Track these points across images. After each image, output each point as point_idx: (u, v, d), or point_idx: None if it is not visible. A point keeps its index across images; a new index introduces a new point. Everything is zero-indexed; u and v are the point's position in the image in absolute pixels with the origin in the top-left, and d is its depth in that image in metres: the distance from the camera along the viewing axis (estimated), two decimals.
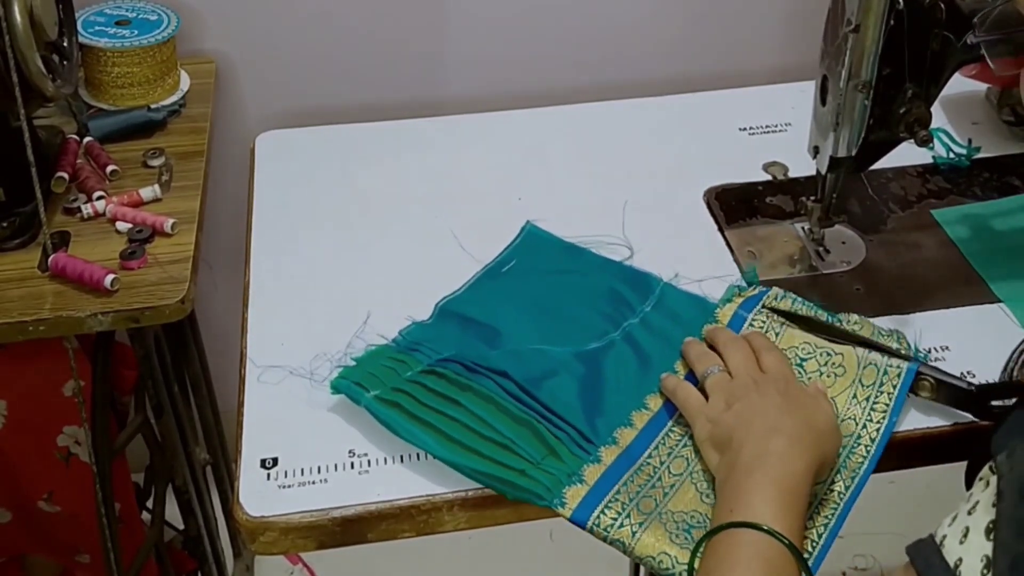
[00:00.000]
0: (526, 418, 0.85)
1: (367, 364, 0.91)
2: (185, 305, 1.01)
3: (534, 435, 0.84)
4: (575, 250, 1.04)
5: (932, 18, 0.89)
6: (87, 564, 1.30)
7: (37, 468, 1.18)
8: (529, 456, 0.83)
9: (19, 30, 0.96)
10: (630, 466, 0.84)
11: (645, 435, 0.86)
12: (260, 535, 0.82)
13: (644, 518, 0.80)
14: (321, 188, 1.14)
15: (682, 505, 0.81)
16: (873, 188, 1.13)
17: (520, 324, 0.95)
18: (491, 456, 0.83)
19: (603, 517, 0.80)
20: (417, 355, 0.91)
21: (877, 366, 0.87)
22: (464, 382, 0.87)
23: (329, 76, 1.40)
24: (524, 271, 1.02)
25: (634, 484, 0.82)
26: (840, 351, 0.89)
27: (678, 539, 0.78)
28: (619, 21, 1.42)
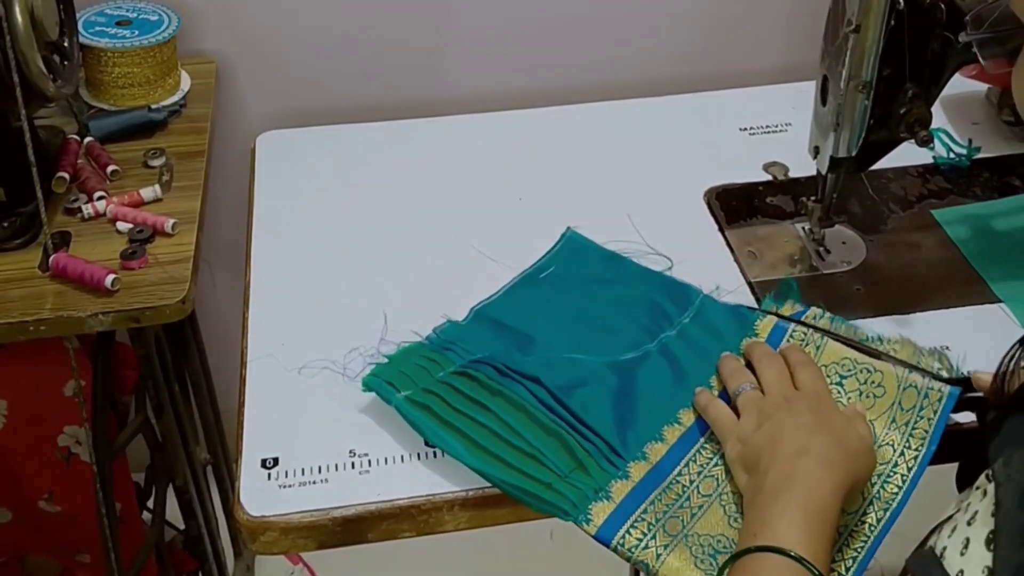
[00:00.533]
0: (556, 429, 0.84)
1: (399, 363, 0.90)
2: (185, 305, 1.01)
3: (563, 447, 0.83)
4: (615, 258, 1.03)
5: (932, 18, 0.89)
6: (87, 564, 1.30)
7: (37, 468, 1.18)
8: (557, 468, 0.82)
9: (20, 30, 0.96)
10: (659, 484, 0.82)
11: (676, 451, 0.85)
12: (260, 535, 0.82)
13: (670, 540, 0.79)
14: (321, 188, 1.14)
15: (709, 528, 0.80)
16: (873, 188, 1.13)
17: (555, 331, 0.94)
18: (518, 467, 0.82)
19: (628, 537, 0.79)
20: (450, 355, 0.90)
21: (918, 389, 0.84)
22: (495, 387, 0.86)
23: (329, 76, 1.40)
24: (562, 278, 1.01)
25: (662, 503, 0.81)
26: (880, 368, 0.86)
27: (703, 564, 0.77)
28: (619, 21, 1.42)
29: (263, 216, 1.11)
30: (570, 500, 0.81)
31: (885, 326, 0.96)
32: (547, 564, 1.67)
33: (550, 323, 0.95)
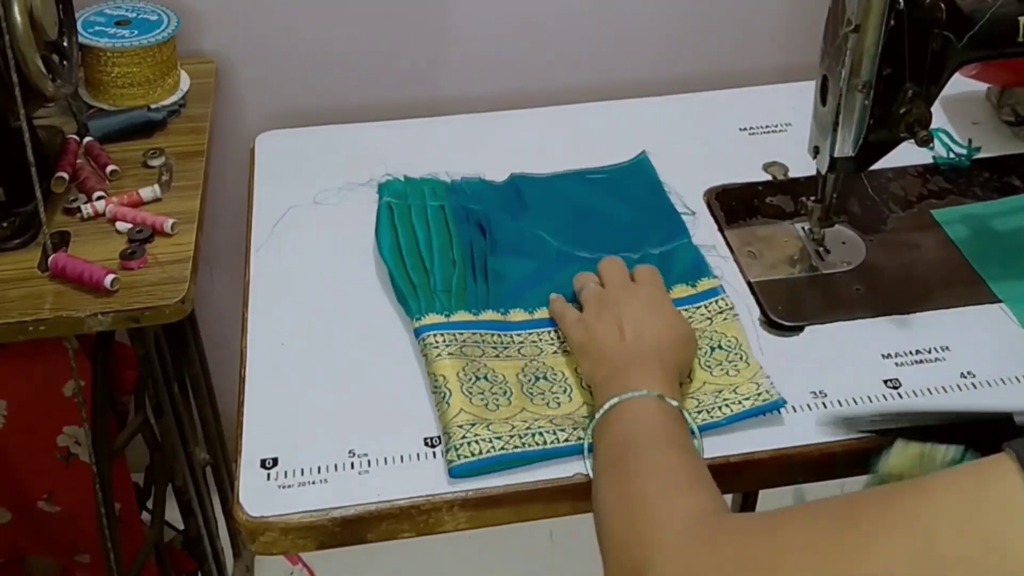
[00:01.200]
0: (459, 260, 0.99)
1: (412, 182, 1.10)
2: (185, 305, 1.01)
3: (452, 274, 0.98)
4: (657, 188, 1.12)
5: (932, 18, 0.89)
6: (87, 564, 1.30)
7: (37, 468, 1.18)
8: (433, 283, 0.97)
9: (19, 30, 0.96)
10: (492, 330, 0.93)
11: (531, 323, 0.95)
12: (260, 535, 0.82)
13: (460, 355, 0.89)
14: (321, 188, 1.14)
15: (502, 369, 0.90)
16: (873, 188, 1.13)
17: (550, 217, 1.06)
18: (409, 270, 0.97)
19: (434, 337, 0.91)
20: (452, 196, 1.07)
21: (759, 383, 0.88)
22: (448, 217, 1.04)
23: (329, 76, 1.40)
24: (596, 184, 1.12)
25: (482, 338, 0.92)
26: (750, 361, 0.91)
27: (473, 393, 0.87)
28: (619, 21, 1.42)
29: (263, 216, 1.11)
30: (419, 303, 0.94)
31: (885, 326, 0.96)
32: (547, 564, 1.67)
33: (553, 210, 1.08)
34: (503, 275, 0.99)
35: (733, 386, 0.88)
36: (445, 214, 1.06)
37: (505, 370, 0.90)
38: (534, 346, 0.93)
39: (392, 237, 1.02)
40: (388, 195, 1.08)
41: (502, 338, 0.93)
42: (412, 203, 1.07)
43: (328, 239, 1.07)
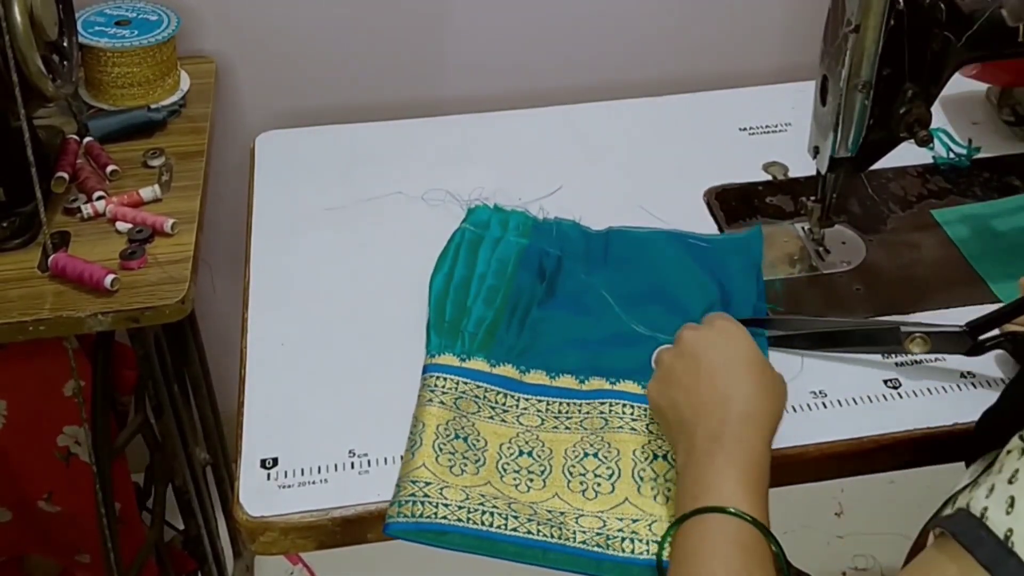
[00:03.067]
0: (502, 303, 0.95)
1: (500, 213, 1.05)
2: (185, 305, 1.01)
3: (486, 315, 0.94)
4: (753, 274, 1.00)
5: (932, 18, 0.89)
6: (87, 564, 1.30)
7: (37, 468, 1.18)
8: (466, 323, 0.93)
9: (19, 30, 0.96)
10: (498, 386, 0.89)
11: (548, 390, 0.89)
12: (260, 535, 0.82)
13: (451, 400, 0.86)
14: (321, 188, 1.14)
15: (488, 434, 0.85)
16: (873, 188, 1.13)
17: (625, 283, 0.99)
18: (450, 303, 0.95)
19: (436, 380, 0.88)
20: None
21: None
22: (519, 257, 0.99)
23: (329, 76, 1.40)
24: (697, 253, 1.02)
25: (483, 395, 0.88)
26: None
27: (442, 451, 0.82)
28: (619, 21, 1.42)
29: (263, 216, 1.11)
30: (441, 340, 0.92)
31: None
32: None
33: (632, 272, 1.00)
34: (543, 330, 0.93)
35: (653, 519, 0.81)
36: (522, 254, 1.00)
37: (491, 435, 0.85)
38: (536, 415, 0.87)
39: (450, 266, 0.99)
40: (470, 222, 1.04)
41: (506, 398, 0.88)
42: (489, 235, 1.02)
43: (328, 239, 1.08)
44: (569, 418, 0.87)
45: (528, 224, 1.04)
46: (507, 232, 1.03)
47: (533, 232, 1.03)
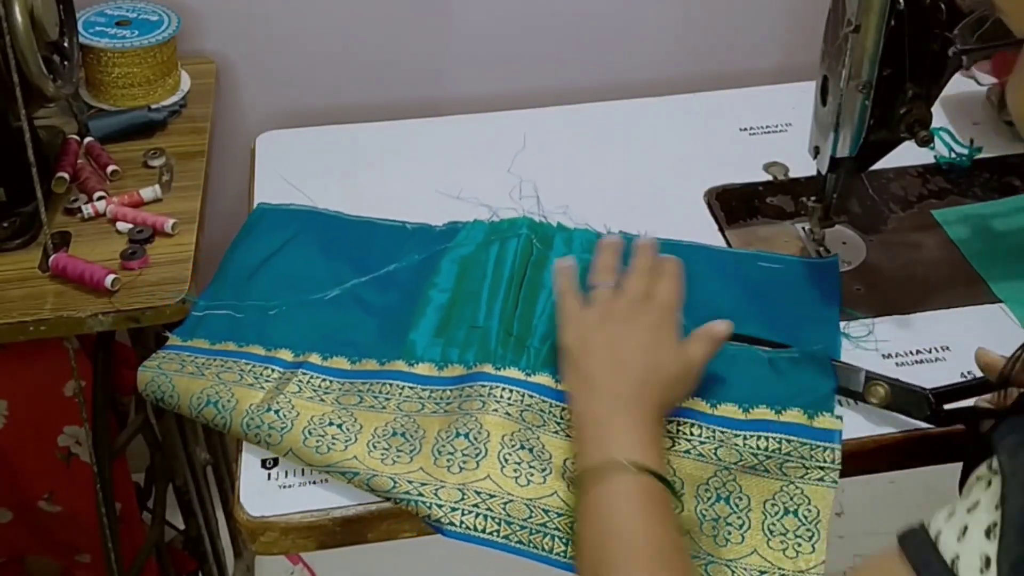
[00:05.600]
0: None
1: (564, 232, 1.04)
2: (185, 305, 1.01)
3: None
4: (834, 298, 0.98)
5: (932, 18, 0.89)
6: (87, 564, 1.30)
7: (37, 468, 1.18)
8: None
9: (20, 30, 0.96)
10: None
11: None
12: (260, 535, 0.82)
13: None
14: (321, 188, 1.14)
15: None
16: (874, 188, 1.13)
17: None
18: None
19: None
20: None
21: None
22: None
23: (329, 76, 1.40)
24: (770, 273, 1.01)
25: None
26: (822, 529, 0.80)
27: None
28: (619, 21, 1.42)
29: None
30: (505, 354, 0.91)
31: (884, 326, 0.96)
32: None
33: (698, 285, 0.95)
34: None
35: (782, 573, 0.77)
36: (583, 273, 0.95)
37: (555, 449, 0.84)
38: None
39: (516, 281, 0.97)
40: (529, 229, 1.02)
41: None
42: (555, 255, 1.00)
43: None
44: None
45: (592, 240, 1.01)
46: (571, 251, 1.01)
47: None
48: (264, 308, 0.96)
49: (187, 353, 0.93)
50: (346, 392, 0.89)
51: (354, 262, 1.01)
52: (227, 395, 0.86)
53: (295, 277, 0.99)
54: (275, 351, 0.92)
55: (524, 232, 1.02)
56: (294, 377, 0.89)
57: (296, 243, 1.03)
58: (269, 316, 0.95)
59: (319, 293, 0.97)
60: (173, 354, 0.93)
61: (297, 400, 0.87)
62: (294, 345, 0.93)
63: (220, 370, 0.90)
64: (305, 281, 0.99)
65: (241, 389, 0.87)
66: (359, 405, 0.87)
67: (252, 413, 0.85)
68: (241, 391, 0.87)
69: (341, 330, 0.94)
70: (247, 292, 0.98)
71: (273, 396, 0.87)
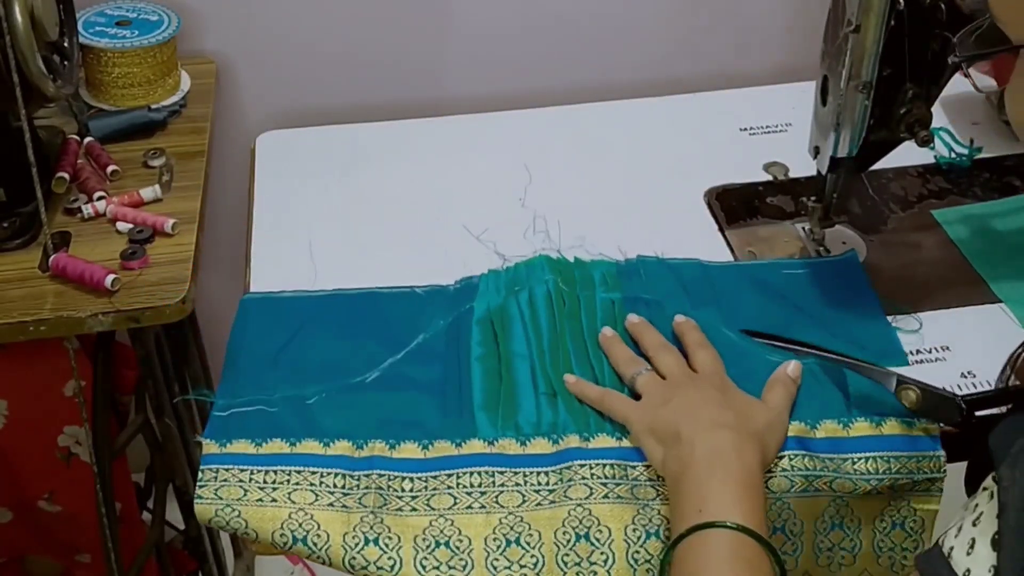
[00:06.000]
0: None
1: (583, 266, 0.98)
2: (185, 305, 1.01)
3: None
4: (867, 294, 0.98)
5: (932, 18, 0.89)
6: (87, 564, 1.30)
7: (38, 468, 1.18)
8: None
9: (20, 30, 0.96)
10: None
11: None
12: None
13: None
14: (321, 188, 1.14)
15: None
16: (874, 188, 1.13)
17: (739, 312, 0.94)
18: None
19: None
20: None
21: None
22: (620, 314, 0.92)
23: (329, 76, 1.40)
24: (797, 279, 0.99)
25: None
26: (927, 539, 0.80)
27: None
28: (619, 21, 1.42)
29: (263, 216, 1.11)
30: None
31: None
32: None
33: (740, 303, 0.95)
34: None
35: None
36: (615, 310, 0.94)
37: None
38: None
39: (537, 329, 0.92)
40: (552, 272, 0.97)
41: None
42: (582, 294, 0.95)
43: (328, 239, 1.07)
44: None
45: (612, 271, 0.98)
46: (596, 288, 0.96)
47: (621, 278, 0.98)
48: (300, 398, 0.88)
49: (237, 467, 0.83)
50: (435, 492, 0.81)
51: (376, 337, 0.93)
52: (312, 527, 0.79)
53: (320, 363, 0.91)
54: (333, 445, 0.84)
55: (549, 278, 0.96)
56: (372, 484, 0.81)
57: (307, 329, 0.95)
58: (309, 406, 0.87)
59: (354, 376, 0.89)
60: (224, 470, 0.83)
61: (390, 518, 0.79)
62: (352, 435, 0.84)
63: (290, 489, 0.81)
64: (333, 366, 0.91)
65: (323, 514, 0.79)
66: (455, 508, 0.80)
67: (351, 550, 0.77)
68: (325, 517, 0.79)
69: (397, 412, 0.86)
70: (270, 384, 0.90)
71: (362, 517, 0.79)
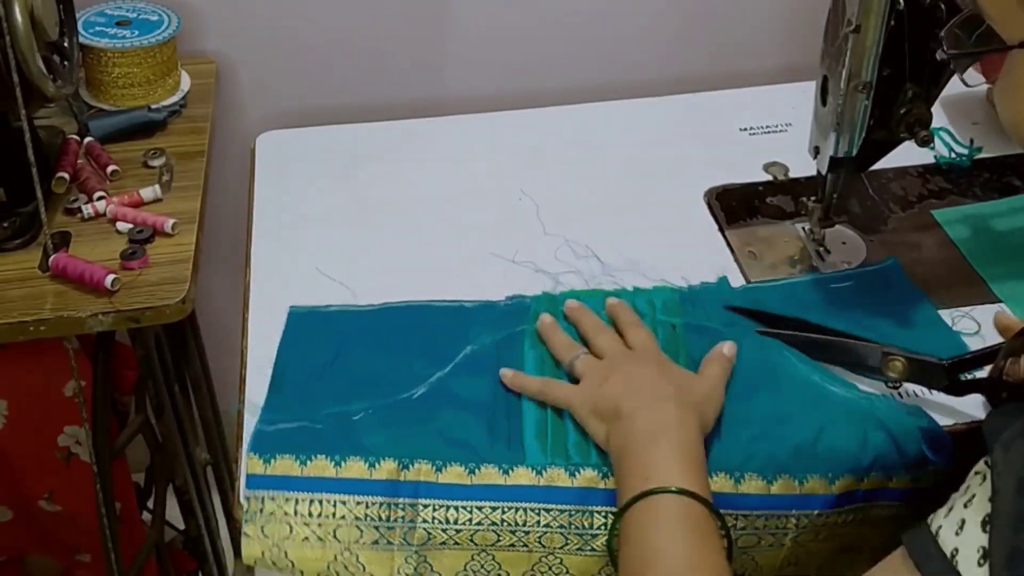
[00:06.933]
0: None
1: (642, 293, 0.96)
2: (185, 305, 1.01)
3: None
4: (920, 299, 0.98)
5: (932, 18, 0.89)
6: (87, 564, 1.30)
7: (38, 468, 1.18)
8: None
9: (20, 30, 0.96)
10: None
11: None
12: None
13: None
14: (321, 188, 1.14)
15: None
16: (873, 188, 1.13)
17: None
18: None
19: None
20: None
21: None
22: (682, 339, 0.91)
23: (329, 76, 1.40)
24: (847, 292, 0.98)
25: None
26: None
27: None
28: (619, 21, 1.42)
29: (263, 216, 1.11)
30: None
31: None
32: None
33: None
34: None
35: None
36: (676, 333, 0.92)
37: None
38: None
39: None
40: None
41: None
42: (643, 318, 0.93)
43: (328, 239, 1.07)
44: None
45: (675, 299, 0.97)
46: (657, 312, 0.95)
47: (684, 305, 0.96)
48: (345, 415, 0.86)
49: (283, 494, 0.82)
50: (479, 528, 0.80)
51: (423, 351, 0.92)
52: (357, 569, 0.79)
53: (366, 378, 0.90)
54: (378, 465, 0.82)
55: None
56: (417, 517, 0.80)
57: (354, 343, 0.94)
58: (354, 422, 0.86)
59: (400, 392, 0.88)
60: (270, 499, 0.82)
61: (433, 555, 0.80)
62: (396, 452, 0.83)
63: (335, 525, 0.80)
64: (379, 380, 0.90)
65: (368, 554, 0.80)
66: (498, 545, 0.80)
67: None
68: (369, 558, 0.80)
69: (444, 430, 0.85)
70: (316, 400, 0.88)
71: (405, 558, 0.79)
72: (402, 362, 0.91)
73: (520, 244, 1.05)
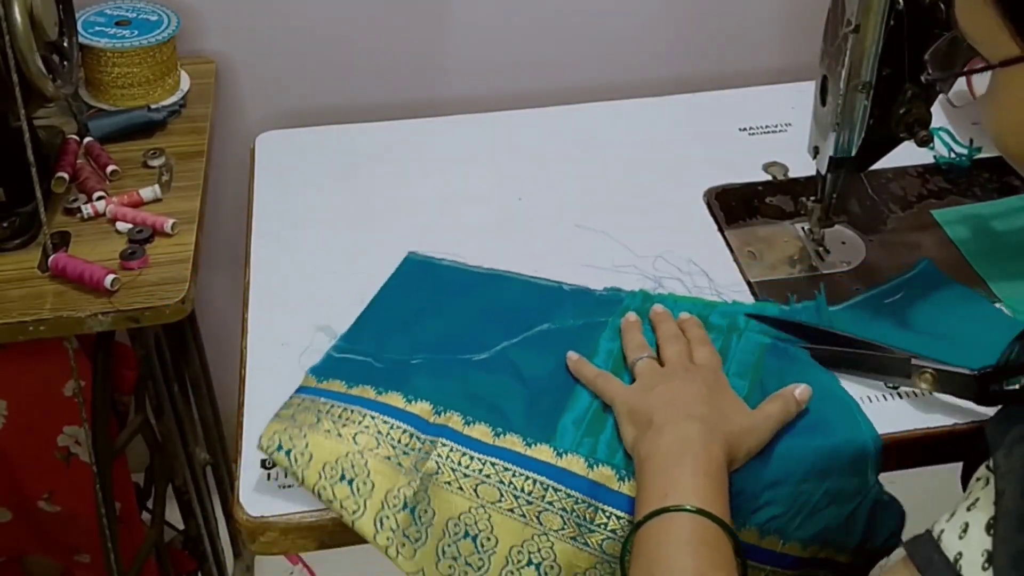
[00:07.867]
0: None
1: None
2: (185, 305, 1.01)
3: None
4: (973, 297, 0.99)
5: (932, 18, 0.89)
6: (87, 564, 1.30)
7: (37, 468, 1.18)
8: None
9: (19, 30, 0.96)
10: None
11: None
12: (260, 535, 0.82)
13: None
14: (321, 188, 1.14)
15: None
16: (873, 188, 1.13)
17: None
18: None
19: None
20: None
21: None
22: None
23: (329, 76, 1.40)
24: (900, 303, 0.98)
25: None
26: None
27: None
28: (619, 21, 1.42)
29: (263, 216, 1.11)
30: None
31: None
32: None
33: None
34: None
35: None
36: (761, 352, 0.92)
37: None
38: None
39: None
40: (706, 310, 0.96)
41: None
42: (734, 333, 0.94)
43: (328, 239, 1.08)
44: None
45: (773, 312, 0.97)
46: (744, 330, 0.95)
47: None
48: (405, 361, 0.91)
49: (323, 399, 0.87)
50: (486, 479, 0.81)
51: (500, 320, 0.95)
52: (363, 472, 0.81)
53: (443, 334, 0.94)
54: (415, 403, 0.86)
55: (703, 314, 0.95)
56: (433, 450, 0.82)
57: (444, 300, 0.98)
58: (412, 365, 0.90)
59: (463, 352, 0.92)
60: (309, 400, 0.87)
61: (434, 490, 0.80)
62: (435, 399, 0.86)
63: (357, 430, 0.84)
64: (453, 339, 0.93)
65: (377, 463, 0.82)
66: (498, 505, 0.80)
67: (388, 508, 0.81)
68: (377, 467, 0.82)
69: (488, 394, 0.87)
70: (389, 344, 0.93)
71: (409, 481, 0.81)
72: (478, 326, 0.95)
73: (520, 244, 1.05)
